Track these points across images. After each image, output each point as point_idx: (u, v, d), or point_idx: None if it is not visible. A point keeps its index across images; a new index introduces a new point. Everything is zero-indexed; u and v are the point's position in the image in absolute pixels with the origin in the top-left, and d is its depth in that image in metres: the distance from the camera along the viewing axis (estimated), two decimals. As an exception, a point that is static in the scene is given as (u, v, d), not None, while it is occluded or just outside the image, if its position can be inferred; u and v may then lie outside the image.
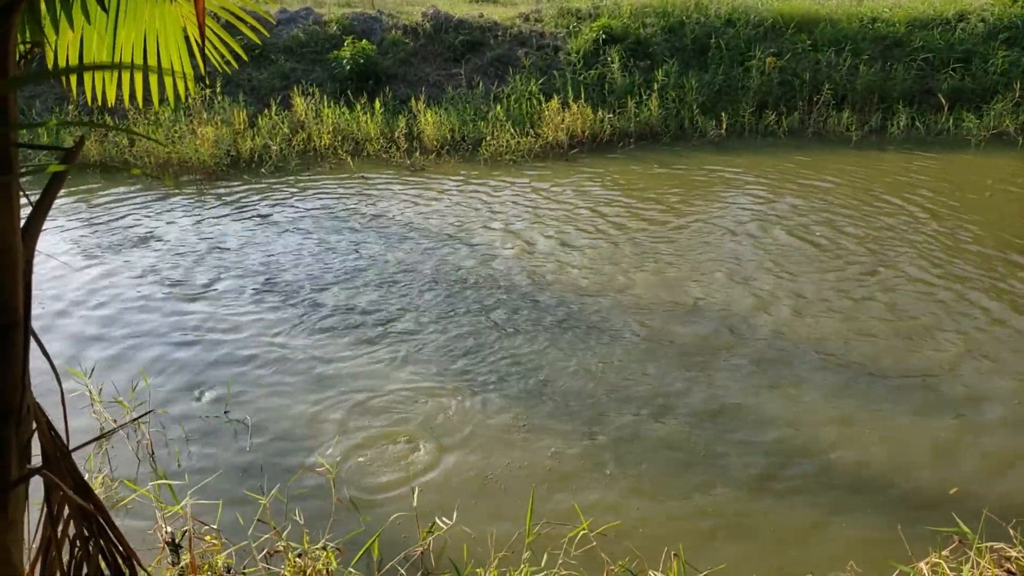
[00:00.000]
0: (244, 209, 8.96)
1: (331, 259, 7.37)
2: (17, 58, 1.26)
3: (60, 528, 1.68)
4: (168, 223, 8.50)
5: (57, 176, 1.33)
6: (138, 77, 2.94)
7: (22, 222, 1.32)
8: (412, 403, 4.96)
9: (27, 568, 1.86)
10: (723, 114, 11.73)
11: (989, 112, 11.62)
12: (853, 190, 9.20)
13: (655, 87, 12.06)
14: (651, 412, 4.82)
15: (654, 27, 13.33)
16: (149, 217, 8.73)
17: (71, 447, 1.56)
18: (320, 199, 9.29)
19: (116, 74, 2.88)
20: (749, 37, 12.96)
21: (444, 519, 3.72)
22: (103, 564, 1.77)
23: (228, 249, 7.70)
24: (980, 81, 12.30)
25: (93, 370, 5.14)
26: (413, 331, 5.91)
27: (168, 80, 3.03)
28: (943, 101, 11.90)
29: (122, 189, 9.78)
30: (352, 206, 8.99)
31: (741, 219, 8.28)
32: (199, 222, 8.53)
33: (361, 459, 4.43)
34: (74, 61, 2.90)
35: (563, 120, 11.32)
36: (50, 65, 3.09)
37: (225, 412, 4.90)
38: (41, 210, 1.31)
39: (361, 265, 7.20)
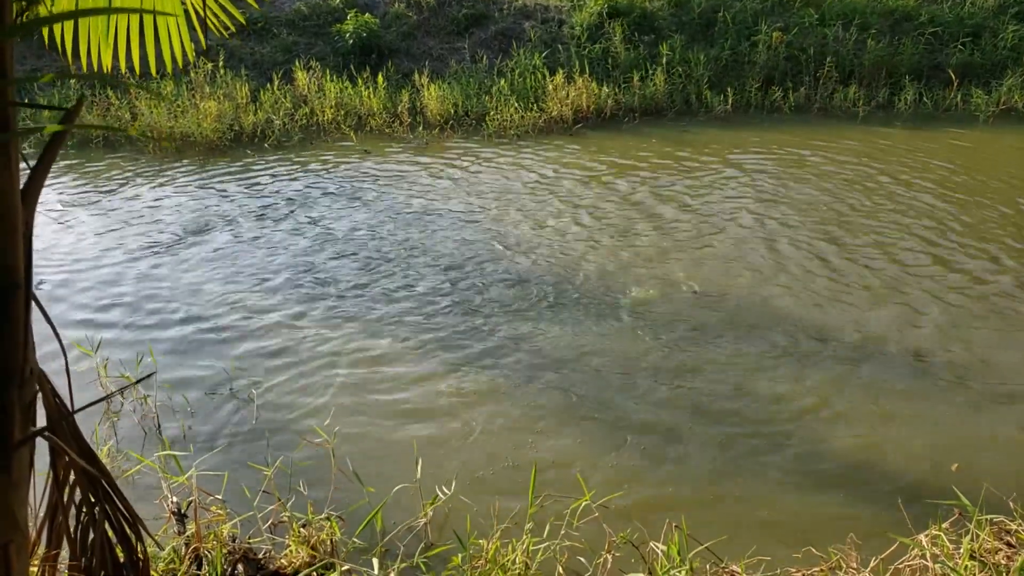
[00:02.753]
0: (248, 183, 8.93)
1: (333, 234, 7.36)
2: (13, 14, 1.25)
3: (66, 493, 1.70)
4: (170, 196, 8.48)
5: (57, 136, 1.32)
6: (135, 46, 2.92)
7: (22, 183, 1.31)
8: (416, 380, 4.98)
9: (35, 534, 1.88)
10: (729, 89, 11.61)
11: (998, 88, 11.47)
12: (862, 168, 9.12)
13: (661, 62, 11.93)
14: (655, 389, 4.83)
15: (660, 0, 13.15)
16: (151, 190, 8.71)
17: (74, 410, 1.57)
18: (322, 173, 9.25)
19: (112, 42, 2.85)
20: (756, 11, 12.78)
21: (445, 488, 3.75)
22: (109, 530, 1.79)
23: (231, 223, 7.68)
24: (989, 56, 12.12)
25: (99, 344, 5.16)
26: (415, 310, 5.91)
27: (166, 48, 3.00)
28: (952, 76, 11.75)
29: (125, 164, 9.75)
30: (354, 180, 8.95)
31: (745, 201, 8.23)
32: (201, 197, 8.50)
33: (366, 432, 4.45)
34: (69, 31, 2.88)
35: (568, 95, 11.22)
36: (45, 38, 3.07)
37: (230, 388, 4.92)
38: (41, 171, 1.30)
39: (366, 241, 7.19)
